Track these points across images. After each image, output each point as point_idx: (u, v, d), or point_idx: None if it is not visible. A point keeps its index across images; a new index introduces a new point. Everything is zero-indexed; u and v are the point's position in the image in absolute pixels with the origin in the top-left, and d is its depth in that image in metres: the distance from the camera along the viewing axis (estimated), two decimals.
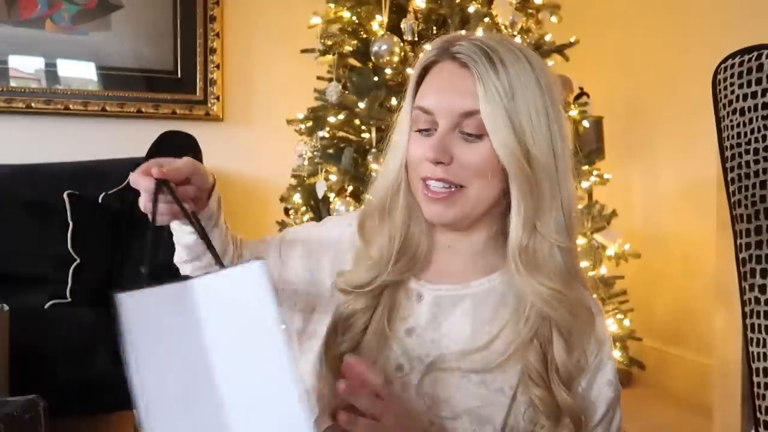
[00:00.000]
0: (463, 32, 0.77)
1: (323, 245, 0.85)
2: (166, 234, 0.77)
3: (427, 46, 0.79)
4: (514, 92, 0.70)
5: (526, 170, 0.70)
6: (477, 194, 0.73)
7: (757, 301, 0.87)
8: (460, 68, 0.72)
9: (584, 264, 2.13)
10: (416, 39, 1.99)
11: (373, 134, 2.01)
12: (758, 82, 0.84)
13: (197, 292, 0.60)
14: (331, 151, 2.09)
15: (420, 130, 0.75)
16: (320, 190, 2.04)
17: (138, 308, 0.60)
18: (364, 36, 2.12)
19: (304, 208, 2.18)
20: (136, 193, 0.72)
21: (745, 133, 0.86)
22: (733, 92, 0.87)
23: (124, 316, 0.60)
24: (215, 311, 0.59)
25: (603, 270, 2.22)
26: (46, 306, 1.75)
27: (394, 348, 0.76)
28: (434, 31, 2.08)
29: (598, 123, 2.48)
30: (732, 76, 0.87)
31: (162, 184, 0.70)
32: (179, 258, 0.84)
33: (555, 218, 0.73)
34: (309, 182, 2.16)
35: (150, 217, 0.69)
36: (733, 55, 0.89)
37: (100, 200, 2.07)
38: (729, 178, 0.90)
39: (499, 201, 0.75)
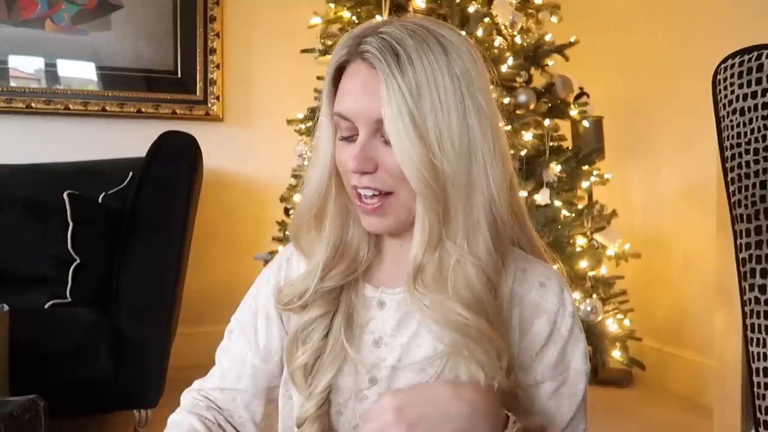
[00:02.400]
0: (378, 20, 0.70)
1: (265, 297, 0.83)
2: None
3: (340, 42, 0.73)
4: (420, 91, 0.65)
5: (429, 183, 0.65)
6: (407, 198, 0.69)
7: (757, 301, 0.87)
8: (369, 69, 0.67)
9: (584, 264, 2.13)
10: None
11: None
12: (758, 82, 0.84)
13: None
14: None
15: (343, 138, 0.71)
16: None
17: None
18: None
19: None
20: (136, 193, 0.71)
21: (745, 133, 0.86)
22: (733, 92, 0.87)
23: None
24: None
25: (603, 270, 2.22)
26: (46, 306, 1.75)
27: (363, 362, 0.74)
28: None
29: (598, 123, 2.49)
30: (732, 76, 0.87)
31: None
32: None
33: (467, 231, 0.67)
34: None
35: None
36: (733, 55, 0.89)
37: (100, 200, 2.07)
38: (729, 178, 0.90)
39: None
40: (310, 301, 0.74)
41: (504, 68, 2.03)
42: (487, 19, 1.98)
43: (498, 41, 2.05)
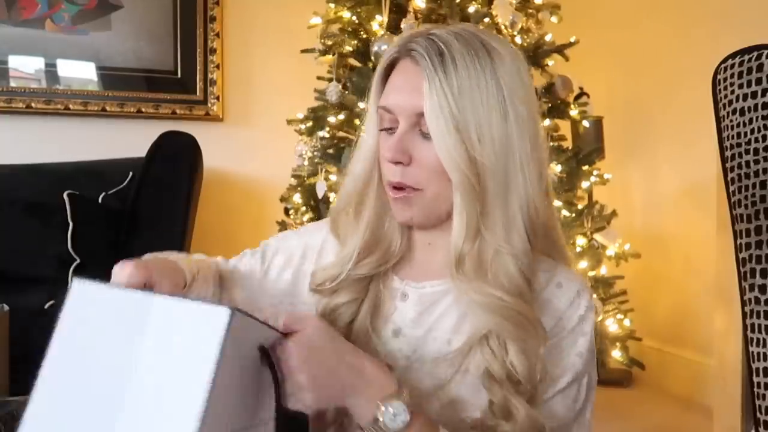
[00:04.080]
0: (427, 26, 0.74)
1: (305, 253, 0.85)
2: None
3: (393, 42, 0.77)
4: (461, 90, 0.68)
5: (467, 175, 0.68)
6: (435, 195, 0.72)
7: (757, 301, 0.87)
8: (414, 66, 0.71)
9: (583, 264, 2.13)
10: None
11: None
12: (758, 82, 0.84)
13: (154, 310, 0.57)
14: (331, 151, 2.10)
15: (385, 129, 0.75)
16: (320, 190, 2.04)
17: (87, 299, 0.60)
18: (364, 36, 2.13)
19: (304, 208, 2.18)
20: (136, 193, 0.73)
21: (745, 133, 0.86)
22: (733, 92, 0.87)
23: (70, 302, 0.60)
24: (160, 336, 0.56)
25: (603, 270, 2.22)
26: (46, 306, 1.75)
27: (380, 351, 0.75)
28: None
29: (598, 123, 2.48)
30: (732, 76, 0.88)
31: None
32: None
33: (504, 224, 0.70)
34: (309, 182, 2.16)
35: None
36: (733, 55, 0.89)
37: (100, 200, 2.07)
38: (729, 178, 0.91)
39: None
40: (341, 287, 0.77)
41: None
42: (487, 19, 1.97)
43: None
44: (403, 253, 0.80)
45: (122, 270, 0.65)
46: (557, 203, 2.10)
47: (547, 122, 2.14)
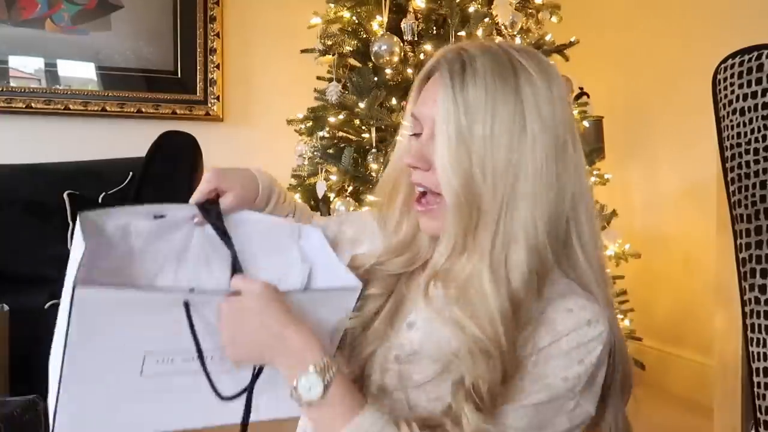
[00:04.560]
0: (463, 39, 0.78)
1: (366, 234, 0.90)
2: None
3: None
4: (474, 107, 0.68)
5: (459, 195, 0.68)
6: None
7: (757, 301, 0.87)
8: (441, 77, 0.73)
9: None
10: (416, 39, 1.99)
11: (373, 134, 2.01)
12: (758, 82, 0.84)
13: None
14: (331, 151, 2.09)
15: (414, 134, 0.77)
16: (320, 190, 2.04)
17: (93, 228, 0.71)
18: (364, 36, 2.12)
19: None
20: (136, 193, 0.76)
21: (745, 133, 0.86)
22: (733, 92, 0.87)
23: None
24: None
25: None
26: (46, 306, 1.75)
27: (392, 340, 0.77)
28: (434, 31, 2.08)
29: (598, 123, 2.48)
30: (732, 76, 0.88)
31: (202, 209, 0.78)
32: None
33: (499, 245, 0.68)
34: (309, 182, 2.16)
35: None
36: (733, 55, 0.89)
37: (100, 200, 2.07)
38: (729, 178, 0.91)
39: None
40: (373, 278, 0.80)
41: None
42: (487, 19, 1.97)
43: (498, 41, 2.05)
44: (429, 257, 0.81)
45: (204, 176, 0.79)
46: None
47: None
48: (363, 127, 2.08)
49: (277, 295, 0.70)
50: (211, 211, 0.78)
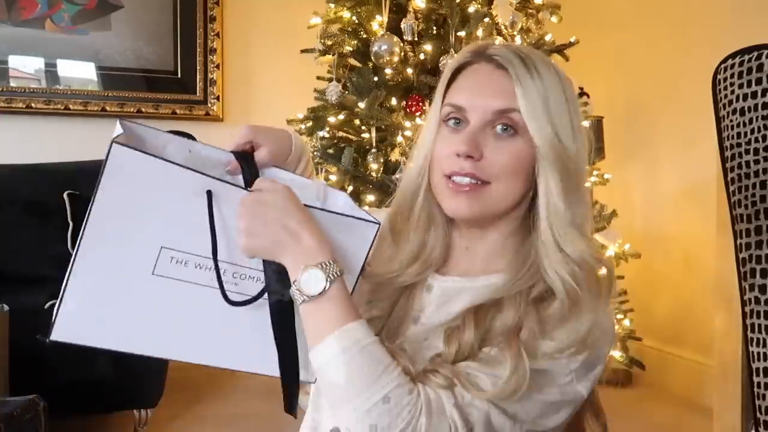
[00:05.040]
0: (463, 39, 0.82)
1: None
2: None
3: (462, 51, 0.82)
4: (547, 97, 0.74)
5: (564, 156, 0.73)
6: (502, 192, 0.75)
7: (757, 301, 0.87)
8: (495, 69, 0.76)
9: None
10: (416, 39, 1.99)
11: (373, 134, 2.01)
12: (758, 82, 0.84)
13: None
14: (331, 151, 2.10)
15: (448, 126, 0.78)
16: None
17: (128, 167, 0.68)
18: (364, 36, 2.13)
19: None
20: None
21: (745, 133, 0.86)
22: (733, 92, 0.87)
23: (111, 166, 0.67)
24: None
25: (603, 270, 2.22)
26: (46, 306, 1.75)
27: (400, 336, 0.79)
28: (434, 31, 2.08)
29: (598, 123, 2.48)
30: (732, 76, 0.88)
31: (238, 157, 0.80)
32: None
33: (581, 209, 0.76)
34: None
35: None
36: (733, 55, 0.89)
37: None
38: (729, 178, 0.91)
39: (521, 202, 0.78)
40: (379, 297, 0.82)
41: None
42: (487, 19, 1.97)
43: (498, 41, 2.05)
44: (441, 258, 0.83)
45: (239, 128, 0.81)
46: None
47: None
48: (363, 127, 2.08)
49: (298, 199, 0.72)
50: (247, 160, 0.80)
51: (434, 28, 2.08)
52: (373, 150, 1.98)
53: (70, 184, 2.04)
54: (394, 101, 2.02)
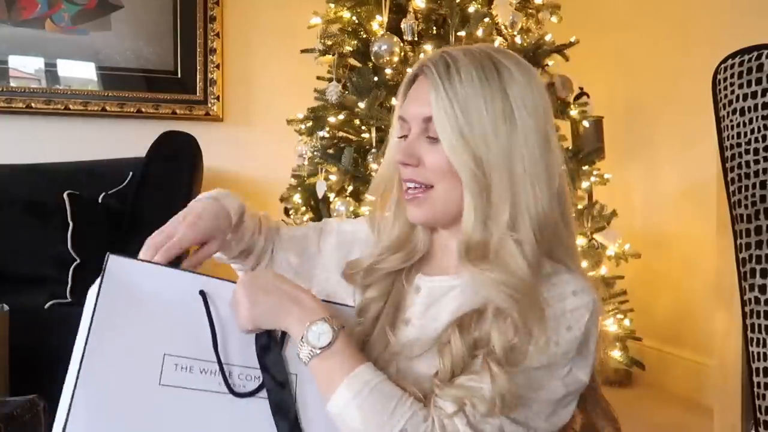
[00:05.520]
0: (464, 39, 0.84)
1: (355, 240, 0.94)
2: None
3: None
4: (466, 100, 0.74)
5: (474, 171, 0.74)
6: (444, 194, 0.78)
7: (757, 301, 0.87)
8: (425, 79, 0.79)
9: (584, 264, 2.13)
10: (416, 39, 1.99)
11: (373, 134, 2.01)
12: (758, 82, 0.84)
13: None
14: (331, 151, 2.10)
15: (401, 137, 0.83)
16: (320, 190, 2.04)
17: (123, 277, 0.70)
18: (364, 36, 2.12)
19: (304, 208, 2.18)
20: (136, 193, 0.78)
21: (745, 133, 0.86)
22: (733, 92, 0.87)
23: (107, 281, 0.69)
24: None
25: (603, 270, 2.22)
26: (46, 306, 1.75)
27: (391, 338, 0.81)
28: (434, 31, 2.08)
29: (598, 123, 2.48)
30: (732, 76, 0.88)
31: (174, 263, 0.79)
32: None
33: (511, 218, 0.74)
34: (309, 182, 2.16)
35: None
36: (733, 55, 0.89)
37: (100, 200, 2.07)
38: (729, 178, 0.91)
39: None
40: (372, 281, 0.85)
41: None
42: (487, 19, 1.97)
43: (498, 41, 2.05)
44: (425, 252, 0.87)
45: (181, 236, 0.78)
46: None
47: None
48: (363, 127, 2.08)
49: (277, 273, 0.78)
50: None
51: (434, 28, 2.08)
52: (373, 150, 1.97)
53: (70, 184, 2.04)
54: (394, 101, 2.02)
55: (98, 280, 0.69)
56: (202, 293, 0.73)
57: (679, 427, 2.04)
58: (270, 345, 0.75)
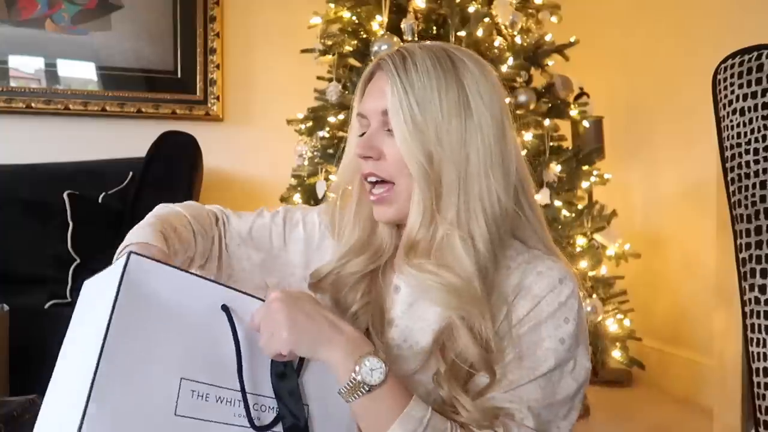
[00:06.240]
0: (463, 39, 0.83)
1: (323, 233, 0.91)
2: None
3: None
4: (422, 92, 0.74)
5: (422, 165, 0.73)
6: (406, 189, 0.77)
7: (757, 301, 0.87)
8: (383, 74, 0.78)
9: (584, 264, 2.13)
10: (416, 39, 1.99)
11: None
12: (758, 82, 0.84)
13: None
14: (331, 151, 2.09)
15: (362, 134, 0.81)
16: (320, 190, 2.04)
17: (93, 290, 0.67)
18: (364, 36, 2.12)
19: None
20: (136, 193, 0.76)
21: (745, 133, 0.86)
22: (733, 92, 0.87)
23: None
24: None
25: (603, 270, 2.22)
26: (46, 306, 1.75)
27: (375, 341, 0.79)
28: (434, 31, 2.08)
29: (598, 123, 2.48)
30: (732, 76, 0.88)
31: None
32: None
33: (461, 212, 0.74)
34: (309, 182, 2.16)
35: None
36: (733, 55, 0.89)
37: (100, 200, 2.07)
38: (729, 178, 0.91)
39: None
40: (342, 289, 0.82)
41: (504, 68, 2.03)
42: (487, 19, 1.97)
43: (498, 41, 2.05)
44: (394, 248, 0.85)
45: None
46: (557, 203, 2.11)
47: (547, 122, 2.14)
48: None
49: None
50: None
51: (434, 28, 2.08)
52: None
53: (70, 184, 2.04)
54: None
55: (104, 276, 0.64)
56: (225, 308, 0.66)
57: (679, 427, 2.04)
58: (286, 372, 0.69)
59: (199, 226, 0.88)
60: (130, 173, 2.20)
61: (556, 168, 2.08)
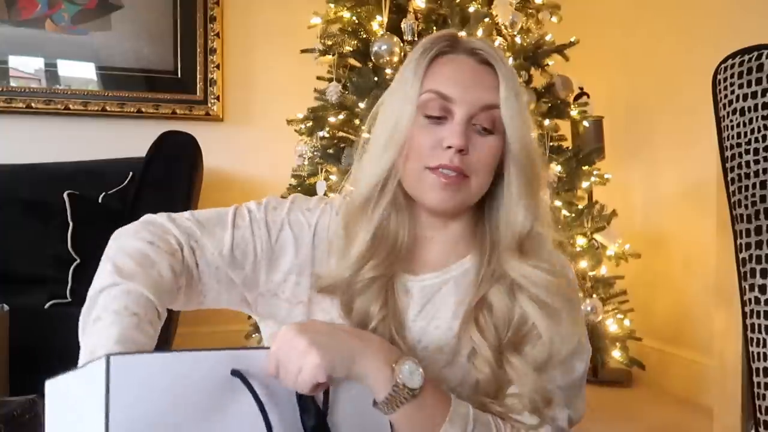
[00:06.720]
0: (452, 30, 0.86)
1: (315, 233, 0.82)
2: None
3: (430, 38, 0.81)
4: (521, 97, 0.77)
5: (531, 163, 0.77)
6: (478, 185, 0.77)
7: (757, 301, 0.87)
8: (479, 64, 0.78)
9: (584, 264, 2.13)
10: (416, 39, 1.99)
11: None
12: (758, 82, 0.84)
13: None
14: (331, 151, 2.09)
15: (431, 117, 0.76)
16: (320, 190, 2.04)
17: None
18: (364, 36, 2.12)
19: None
20: (136, 193, 0.75)
21: (745, 133, 0.86)
22: (733, 92, 0.87)
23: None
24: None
25: (603, 270, 2.22)
26: (46, 306, 1.75)
27: (402, 346, 0.78)
28: (434, 31, 2.08)
29: (598, 123, 2.48)
30: (732, 76, 0.88)
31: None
32: None
33: (544, 207, 0.79)
34: (309, 182, 2.16)
35: None
36: (733, 55, 0.89)
37: (100, 200, 2.07)
38: (729, 178, 0.91)
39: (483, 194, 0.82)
40: (355, 292, 0.76)
41: None
42: (487, 19, 1.97)
43: (498, 41, 2.05)
44: (408, 247, 0.80)
45: None
46: (557, 203, 2.11)
47: (547, 122, 2.14)
48: (363, 127, 2.07)
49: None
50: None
51: (434, 28, 2.08)
52: None
53: (70, 184, 2.03)
54: None
55: (78, 381, 0.56)
56: (237, 373, 0.57)
57: (679, 427, 2.04)
58: (313, 410, 0.62)
59: (180, 263, 0.78)
60: (130, 173, 2.20)
61: (556, 168, 2.08)
